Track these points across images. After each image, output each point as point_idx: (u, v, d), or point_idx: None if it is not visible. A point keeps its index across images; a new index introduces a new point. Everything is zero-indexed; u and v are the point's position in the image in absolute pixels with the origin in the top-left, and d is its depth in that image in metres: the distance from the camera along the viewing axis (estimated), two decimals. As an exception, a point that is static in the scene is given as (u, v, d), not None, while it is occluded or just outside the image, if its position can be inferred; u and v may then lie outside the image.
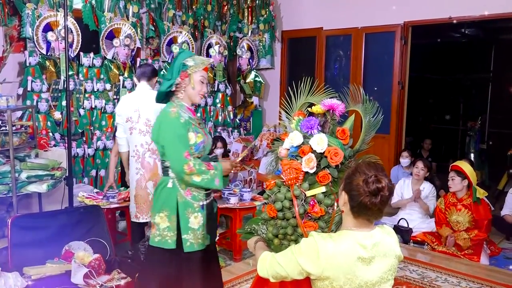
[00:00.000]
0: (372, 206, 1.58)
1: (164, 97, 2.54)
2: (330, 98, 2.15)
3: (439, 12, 5.67)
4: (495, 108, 8.83)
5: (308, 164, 1.97)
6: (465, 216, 4.27)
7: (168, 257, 2.46)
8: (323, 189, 1.97)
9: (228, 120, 6.79)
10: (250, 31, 7.00)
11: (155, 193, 2.53)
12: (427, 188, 4.91)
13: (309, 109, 2.18)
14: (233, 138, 6.63)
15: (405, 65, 6.06)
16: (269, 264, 1.71)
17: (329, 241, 1.60)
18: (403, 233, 4.60)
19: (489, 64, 8.88)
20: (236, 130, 6.88)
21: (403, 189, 5.02)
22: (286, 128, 2.24)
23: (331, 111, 2.10)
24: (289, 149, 2.08)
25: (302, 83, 2.23)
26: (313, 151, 1.99)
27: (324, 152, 1.99)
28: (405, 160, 5.53)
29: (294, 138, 2.05)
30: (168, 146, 2.39)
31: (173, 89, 2.49)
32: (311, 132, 2.04)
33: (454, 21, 5.70)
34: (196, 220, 2.46)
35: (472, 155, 7.54)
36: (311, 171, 1.98)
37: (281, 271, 1.66)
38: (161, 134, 2.42)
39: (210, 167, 2.41)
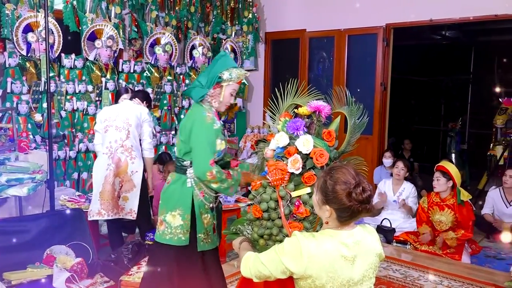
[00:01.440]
0: (363, 210, 1.62)
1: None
2: (316, 99, 2.17)
3: (420, 15, 5.75)
4: (475, 109, 8.98)
5: (294, 165, 1.98)
6: (448, 216, 4.33)
7: (178, 254, 2.49)
8: (308, 190, 1.98)
9: (212, 121, 6.76)
10: (233, 33, 7.00)
11: (167, 190, 2.55)
12: (407, 189, 4.99)
13: (295, 110, 2.19)
14: (217, 140, 6.60)
15: (387, 66, 6.13)
16: (252, 263, 1.72)
17: (312, 241, 1.61)
18: (386, 233, 4.64)
19: (469, 66, 9.04)
20: (220, 132, 6.85)
21: (384, 189, 5.08)
22: (270, 129, 2.25)
23: (317, 112, 2.11)
24: (275, 150, 2.08)
25: (288, 85, 2.24)
26: (299, 152, 2.00)
27: (309, 153, 2.00)
28: (387, 160, 5.59)
29: (280, 139, 2.06)
30: (197, 149, 2.42)
31: (205, 98, 2.53)
32: (297, 134, 2.05)
33: (435, 24, 5.80)
34: (205, 221, 2.52)
35: (453, 156, 7.67)
36: (297, 172, 1.99)
37: (264, 271, 1.67)
38: (193, 136, 2.43)
39: (229, 177, 2.47)
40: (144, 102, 4.01)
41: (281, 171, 1.99)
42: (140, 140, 3.88)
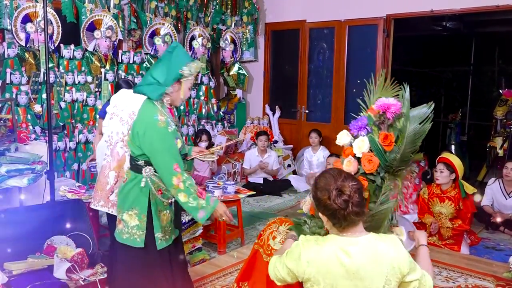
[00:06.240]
0: (349, 214, 1.58)
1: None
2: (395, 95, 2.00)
3: (421, 5, 5.72)
4: (475, 100, 8.97)
5: (348, 167, 1.89)
6: (448, 208, 4.33)
7: (135, 255, 2.42)
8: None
9: (212, 113, 6.77)
10: (233, 23, 6.97)
11: (123, 189, 2.46)
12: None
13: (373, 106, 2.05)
14: (217, 131, 6.61)
15: (388, 58, 6.11)
16: (272, 268, 1.78)
17: (312, 245, 1.65)
18: (386, 224, 4.65)
19: (469, 57, 9.01)
20: (220, 123, 6.86)
21: None
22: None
23: (381, 111, 1.93)
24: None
25: (378, 77, 2.08)
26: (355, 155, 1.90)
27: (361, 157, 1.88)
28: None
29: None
30: (157, 159, 2.30)
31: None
32: (358, 133, 1.93)
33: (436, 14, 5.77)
34: (164, 218, 2.43)
35: (453, 147, 7.67)
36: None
37: (279, 274, 1.74)
38: (147, 144, 2.29)
39: (202, 196, 2.32)
40: None
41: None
42: None
